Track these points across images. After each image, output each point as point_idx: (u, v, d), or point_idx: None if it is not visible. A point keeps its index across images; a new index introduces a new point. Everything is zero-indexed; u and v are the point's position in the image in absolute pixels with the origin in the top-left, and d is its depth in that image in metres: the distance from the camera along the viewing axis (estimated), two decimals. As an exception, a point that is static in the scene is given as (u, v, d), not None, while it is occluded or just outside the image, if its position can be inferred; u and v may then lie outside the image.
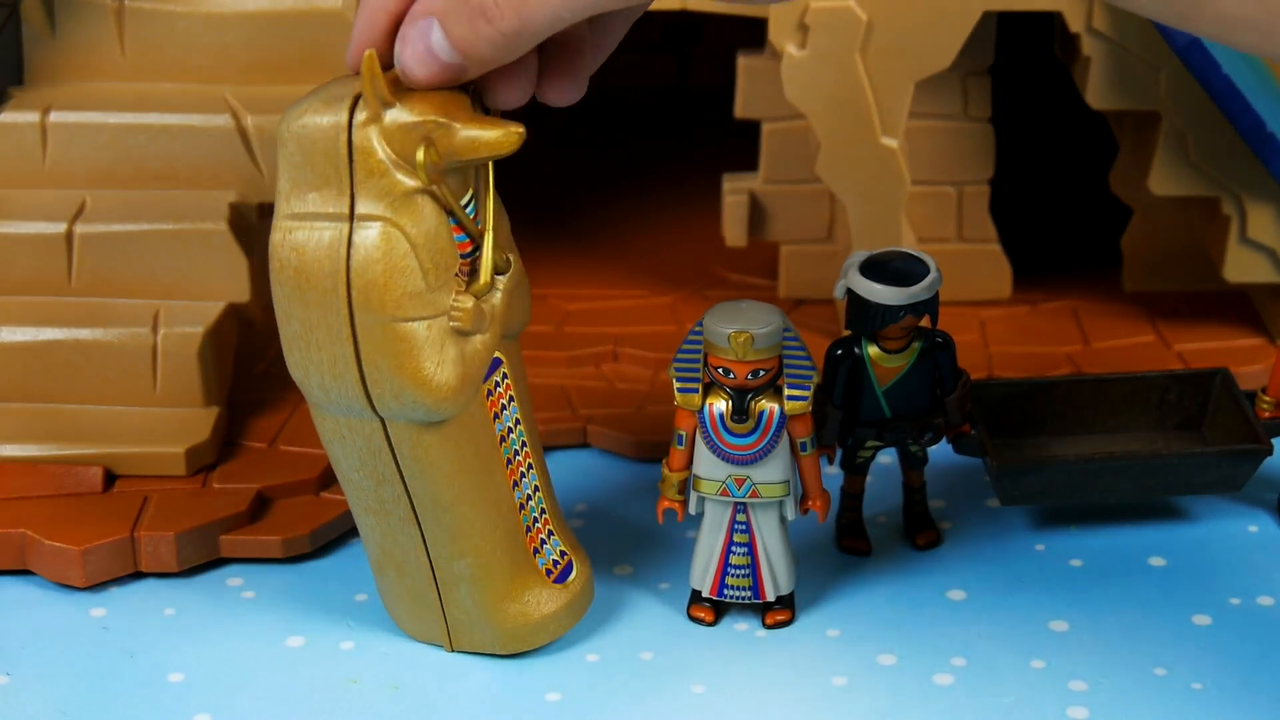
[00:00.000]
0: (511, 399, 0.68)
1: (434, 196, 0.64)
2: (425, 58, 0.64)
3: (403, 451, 0.66)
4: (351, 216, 0.64)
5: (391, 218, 0.64)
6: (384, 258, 0.64)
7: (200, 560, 0.77)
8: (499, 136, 0.64)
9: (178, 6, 0.82)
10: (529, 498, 0.70)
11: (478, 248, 0.66)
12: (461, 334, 0.65)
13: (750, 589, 0.73)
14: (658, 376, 0.87)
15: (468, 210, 0.66)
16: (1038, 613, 0.74)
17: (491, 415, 0.68)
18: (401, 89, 0.64)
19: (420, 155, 0.63)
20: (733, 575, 0.73)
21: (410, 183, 0.64)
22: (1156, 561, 0.77)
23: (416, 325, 0.65)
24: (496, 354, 0.67)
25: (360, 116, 0.63)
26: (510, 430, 0.69)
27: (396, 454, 0.66)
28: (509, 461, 0.69)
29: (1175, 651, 0.72)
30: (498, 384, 0.68)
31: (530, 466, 0.70)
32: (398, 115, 0.63)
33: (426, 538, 0.69)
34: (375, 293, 0.64)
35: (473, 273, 0.66)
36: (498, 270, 0.67)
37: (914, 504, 0.78)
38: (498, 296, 0.67)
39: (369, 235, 0.64)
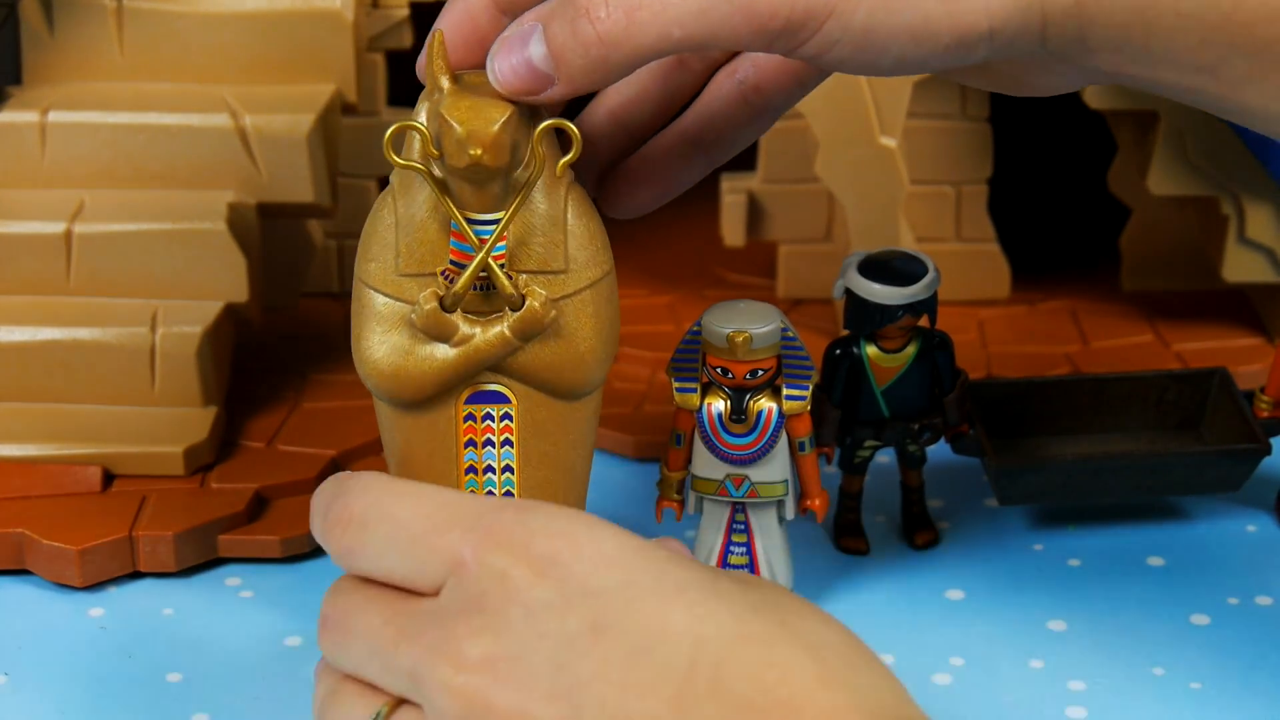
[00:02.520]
0: (507, 442, 0.65)
1: (435, 187, 0.62)
2: (514, 58, 0.60)
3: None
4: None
5: (394, 188, 0.64)
6: (371, 219, 0.64)
7: (198, 560, 0.77)
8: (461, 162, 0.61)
9: (176, 6, 0.82)
10: None
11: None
12: (422, 331, 0.63)
13: (749, 589, 0.73)
14: (656, 376, 0.87)
15: (485, 225, 0.62)
16: (1036, 612, 0.74)
17: (463, 439, 0.65)
18: (484, 92, 0.62)
19: (417, 141, 0.62)
20: (731, 575, 0.73)
21: (406, 160, 0.62)
22: (1155, 561, 0.77)
23: (375, 295, 0.64)
24: (503, 391, 0.64)
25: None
26: (489, 470, 0.66)
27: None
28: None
29: (1174, 651, 0.72)
30: (489, 416, 0.65)
31: None
32: (445, 102, 0.61)
33: None
34: (359, 246, 0.64)
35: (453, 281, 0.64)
36: (511, 307, 0.63)
37: (912, 504, 0.78)
38: (494, 330, 0.63)
39: (381, 194, 0.64)
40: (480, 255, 0.62)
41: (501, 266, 0.63)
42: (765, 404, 0.70)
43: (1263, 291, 0.91)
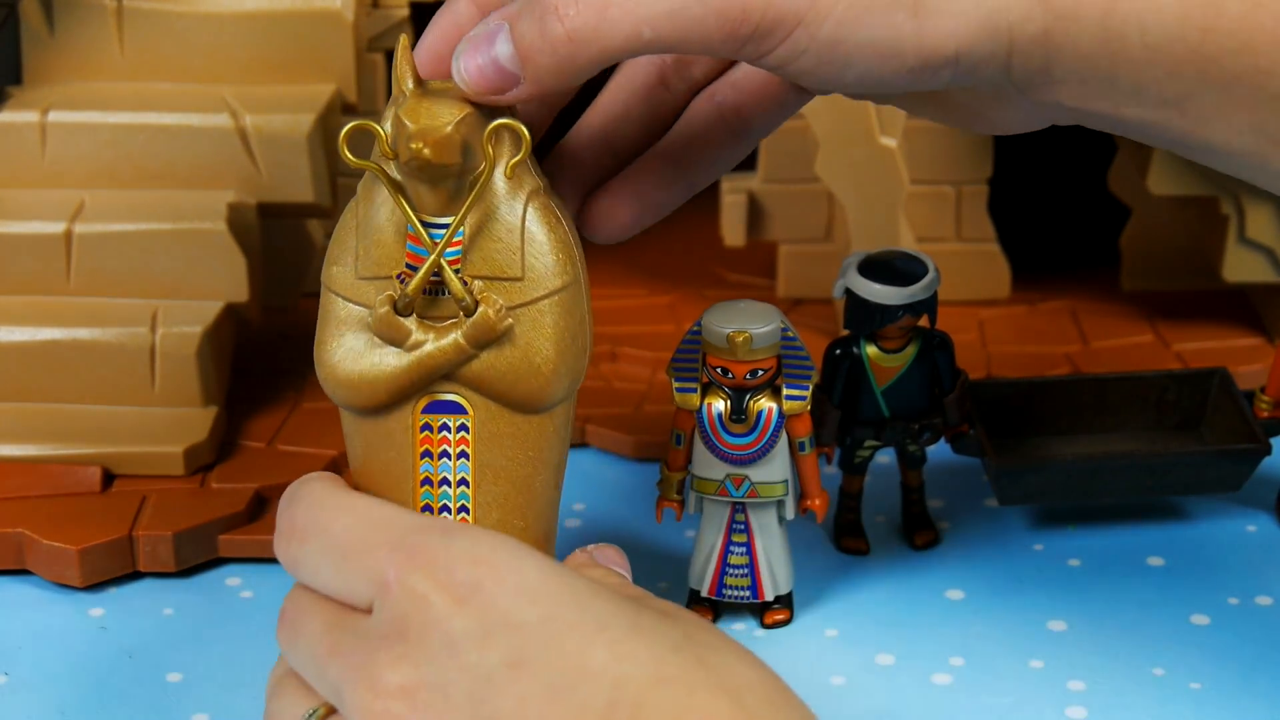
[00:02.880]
0: (463, 454, 0.64)
1: (391, 188, 0.62)
2: (480, 58, 0.59)
3: None
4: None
5: (358, 192, 0.63)
6: (338, 224, 0.64)
7: (199, 560, 0.77)
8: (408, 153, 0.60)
9: (176, 6, 0.82)
10: None
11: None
12: (376, 335, 0.63)
13: (749, 589, 0.73)
14: (656, 376, 0.87)
15: (440, 229, 0.62)
16: (1036, 612, 0.74)
17: (419, 450, 0.64)
18: (450, 96, 0.61)
19: (380, 141, 0.61)
20: (731, 575, 0.73)
21: (359, 160, 0.61)
22: (1155, 561, 0.77)
23: (336, 299, 0.63)
24: (460, 401, 0.63)
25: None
26: (444, 482, 0.64)
27: None
28: (425, 508, 0.64)
29: (1174, 651, 0.72)
30: (445, 426, 0.64)
31: None
32: (404, 105, 0.61)
33: None
34: (327, 250, 0.64)
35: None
36: (465, 312, 0.62)
37: (912, 504, 0.78)
38: (448, 337, 0.62)
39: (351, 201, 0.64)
40: (432, 257, 0.61)
41: (457, 271, 0.62)
42: (765, 404, 0.70)
43: (1263, 291, 0.91)
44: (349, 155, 0.61)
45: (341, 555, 0.57)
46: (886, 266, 0.74)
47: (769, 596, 0.73)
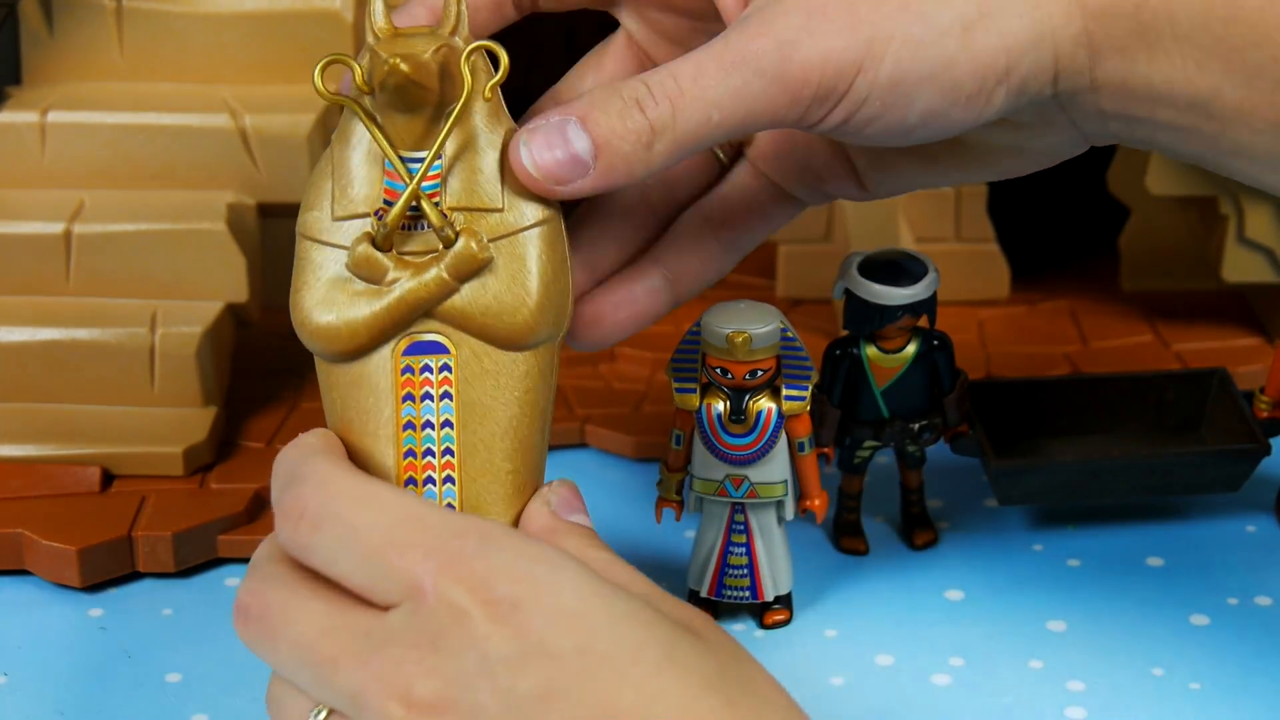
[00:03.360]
0: (446, 395, 0.62)
1: (367, 121, 0.61)
2: (557, 151, 0.60)
3: None
4: None
5: (333, 137, 0.63)
6: (312, 174, 0.63)
7: (198, 560, 0.77)
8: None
9: (176, 6, 0.82)
10: None
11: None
12: (354, 273, 0.61)
13: (749, 589, 0.73)
14: (655, 376, 0.87)
15: (418, 163, 0.61)
16: (1036, 613, 0.74)
17: (400, 394, 0.62)
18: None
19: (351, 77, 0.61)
20: (731, 575, 0.73)
21: (334, 94, 0.61)
22: (1154, 561, 0.77)
23: (310, 245, 0.62)
24: (442, 340, 0.61)
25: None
26: (426, 425, 0.62)
27: None
28: (408, 454, 0.62)
29: (1173, 651, 0.72)
30: (427, 368, 0.62)
31: (448, 480, 0.62)
32: (380, 42, 0.60)
33: None
34: (301, 202, 0.63)
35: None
36: (445, 243, 0.61)
37: (911, 504, 0.78)
38: (430, 271, 0.61)
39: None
40: (411, 186, 0.60)
41: (436, 204, 0.61)
42: (765, 404, 0.70)
43: (1262, 291, 0.91)
44: (323, 88, 0.61)
45: (367, 552, 0.55)
46: (886, 266, 0.74)
47: (769, 597, 0.73)
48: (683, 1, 0.67)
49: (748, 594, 0.73)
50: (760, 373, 0.70)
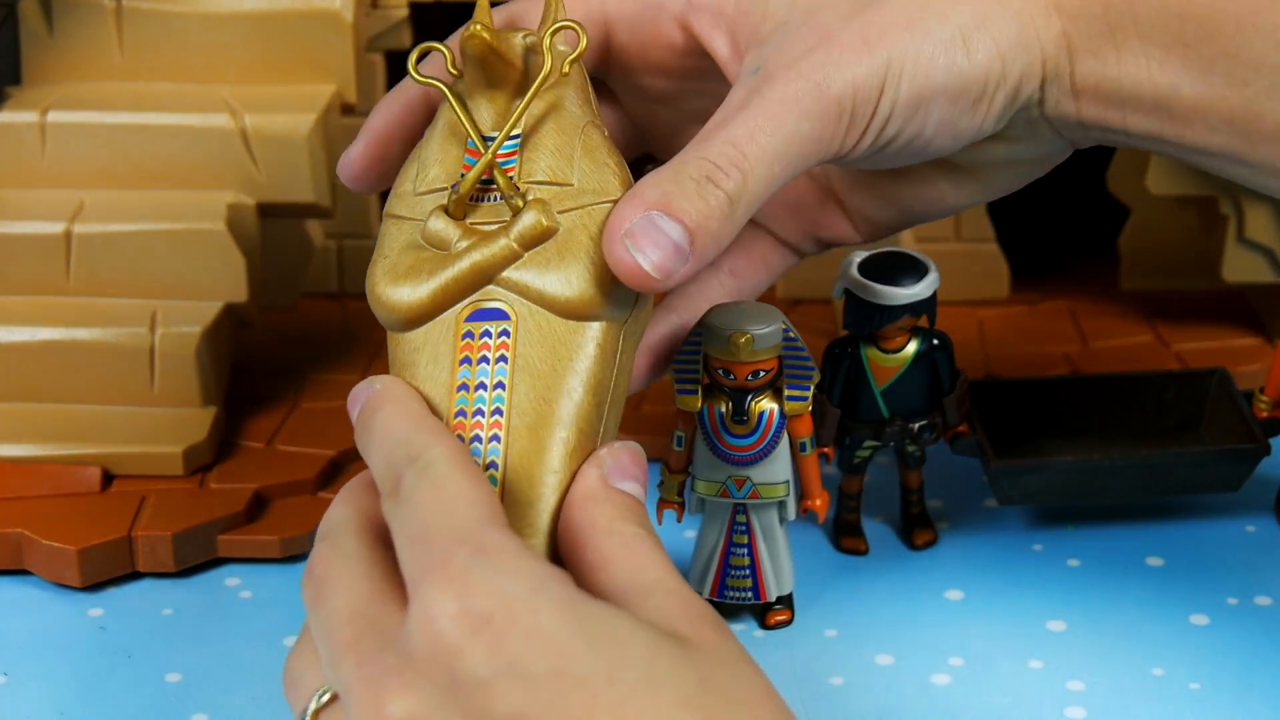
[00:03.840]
0: (502, 359, 0.62)
1: (453, 102, 0.63)
2: (662, 247, 0.60)
3: None
4: None
5: (425, 132, 0.65)
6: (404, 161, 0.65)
7: (198, 560, 0.77)
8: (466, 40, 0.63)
9: (176, 6, 0.82)
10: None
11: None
12: (426, 241, 0.63)
13: (750, 590, 0.73)
14: (655, 376, 0.87)
15: (491, 136, 0.63)
16: (1035, 612, 0.74)
17: (459, 357, 0.62)
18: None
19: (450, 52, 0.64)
20: (733, 576, 0.73)
21: (425, 77, 0.64)
22: (1154, 561, 0.77)
23: (390, 221, 0.64)
24: (504, 308, 0.62)
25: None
26: (480, 387, 0.62)
27: None
28: (459, 414, 0.62)
29: (1173, 651, 0.72)
30: (487, 333, 0.62)
31: (494, 439, 0.62)
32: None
33: None
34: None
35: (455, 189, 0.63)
36: (513, 210, 0.62)
37: (911, 504, 0.78)
38: (499, 240, 0.62)
39: None
40: (486, 156, 0.62)
41: (510, 177, 0.63)
42: (766, 405, 0.70)
43: (1262, 291, 0.91)
44: (416, 72, 0.63)
45: (410, 539, 0.56)
46: (886, 266, 0.74)
47: (770, 597, 0.73)
48: (669, 65, 0.70)
49: (750, 594, 0.73)
50: (762, 373, 0.70)
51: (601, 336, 0.62)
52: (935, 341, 0.74)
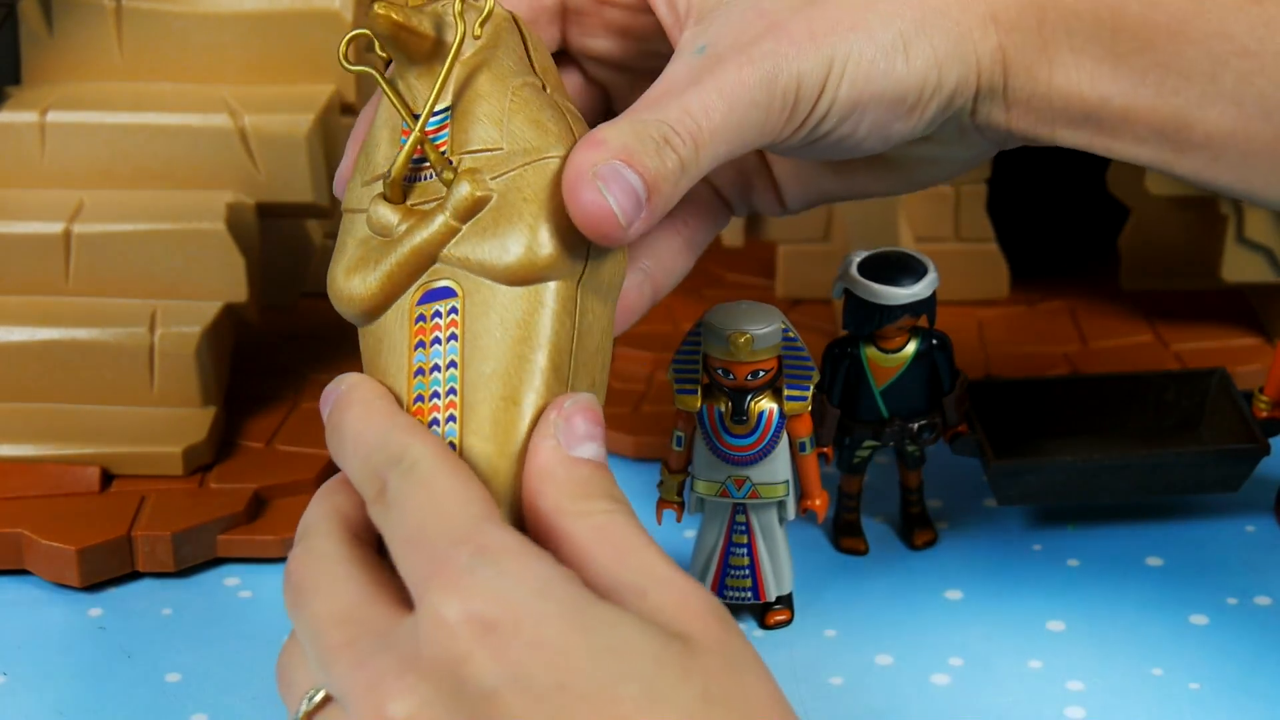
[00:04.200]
0: (453, 337, 0.61)
1: (385, 87, 0.63)
2: (629, 195, 0.60)
3: None
4: None
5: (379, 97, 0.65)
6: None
7: (197, 560, 0.77)
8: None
9: (176, 6, 0.82)
10: None
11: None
12: (372, 230, 0.62)
13: (750, 589, 0.73)
14: (655, 376, 0.87)
15: (430, 121, 0.62)
16: (1035, 613, 0.74)
17: (413, 342, 0.62)
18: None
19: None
20: (732, 576, 0.73)
21: (355, 65, 0.63)
22: (1154, 561, 0.77)
23: (345, 217, 0.63)
24: (450, 285, 0.61)
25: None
26: (435, 369, 0.61)
27: None
28: (417, 399, 0.61)
29: (1172, 651, 0.72)
30: (438, 314, 0.61)
31: (450, 419, 0.60)
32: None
33: None
34: None
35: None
36: (446, 184, 0.61)
37: (911, 504, 0.78)
38: (437, 219, 0.61)
39: None
40: (414, 134, 0.61)
41: (444, 153, 0.62)
42: (766, 405, 0.70)
43: (1261, 291, 0.91)
44: (346, 60, 0.63)
45: (405, 542, 0.55)
46: (885, 266, 0.74)
47: (770, 597, 0.73)
48: (623, 24, 0.70)
49: (749, 594, 0.73)
50: (762, 373, 0.70)
51: (554, 298, 0.61)
52: (935, 341, 0.74)
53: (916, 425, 0.75)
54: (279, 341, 0.89)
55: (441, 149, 0.62)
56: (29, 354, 0.79)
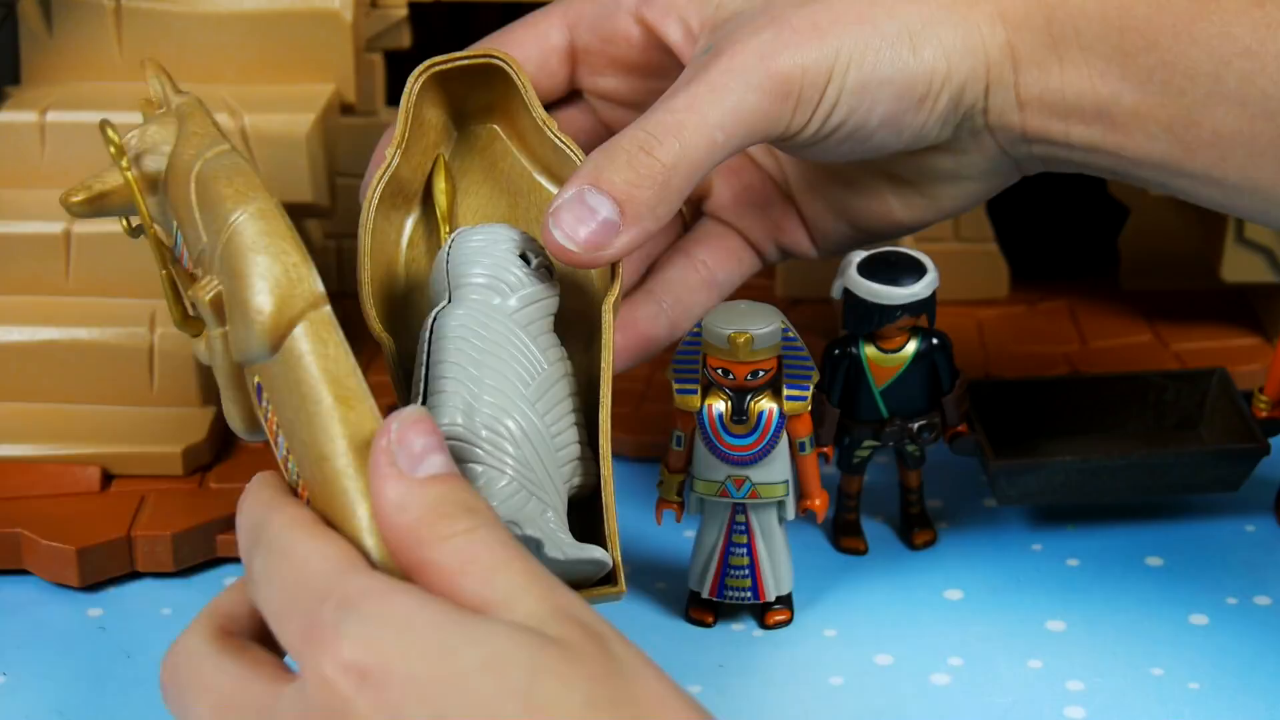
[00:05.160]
0: (279, 427, 0.60)
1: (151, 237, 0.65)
2: (588, 223, 0.62)
3: None
4: None
5: None
6: None
7: (197, 560, 0.77)
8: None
9: (175, 6, 0.82)
10: None
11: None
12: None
13: (750, 589, 0.73)
14: (655, 376, 0.87)
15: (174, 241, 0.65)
16: (1035, 612, 0.74)
17: (272, 440, 0.61)
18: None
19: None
20: (732, 576, 0.73)
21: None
22: (1153, 561, 0.77)
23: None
24: (258, 380, 0.60)
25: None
26: (285, 461, 0.61)
27: None
28: (295, 488, 0.60)
29: (1172, 651, 0.72)
30: (266, 412, 0.61)
31: (308, 503, 0.59)
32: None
33: None
34: None
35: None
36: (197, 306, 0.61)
37: (911, 504, 0.78)
38: (213, 336, 0.61)
39: None
40: (164, 271, 0.65)
41: (185, 269, 0.64)
42: (766, 405, 0.70)
43: (1261, 291, 0.91)
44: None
45: (277, 616, 0.55)
46: (885, 266, 0.73)
47: (770, 597, 0.73)
48: (631, 61, 0.71)
49: (749, 594, 0.73)
50: (762, 373, 0.70)
51: (305, 339, 0.58)
52: (935, 341, 0.74)
53: (916, 425, 0.75)
54: (279, 341, 0.89)
55: (191, 269, 0.63)
56: (29, 354, 0.79)
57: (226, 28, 0.82)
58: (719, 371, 0.70)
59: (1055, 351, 0.90)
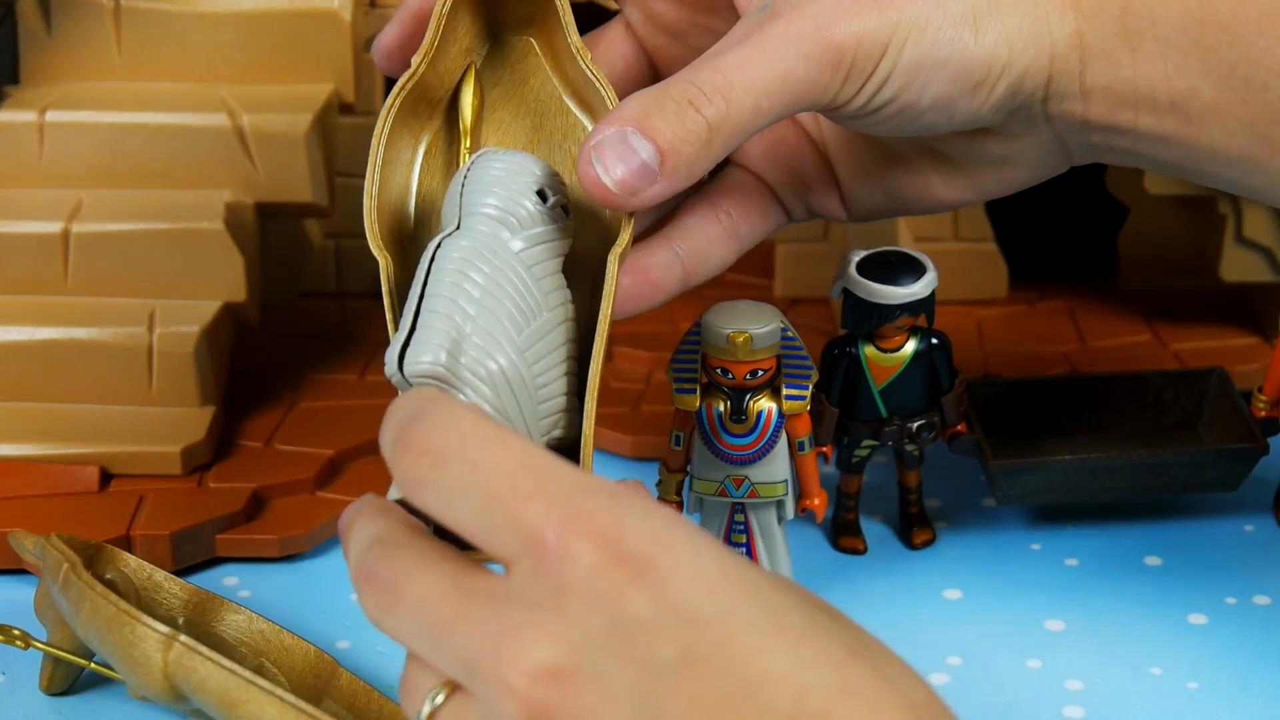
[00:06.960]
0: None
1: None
2: (629, 162, 0.60)
3: None
4: None
5: None
6: None
7: (196, 560, 0.77)
8: None
9: (174, 6, 0.82)
10: None
11: None
12: None
13: (747, 589, 0.73)
14: (654, 375, 0.87)
15: None
16: (1034, 612, 0.74)
17: None
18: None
19: None
20: (730, 575, 0.73)
21: None
22: (1152, 561, 0.77)
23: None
24: None
25: None
26: None
27: None
28: None
29: (1171, 651, 0.72)
30: None
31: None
32: None
33: None
34: None
35: None
36: None
37: (910, 503, 0.78)
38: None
39: None
40: None
41: None
42: (765, 404, 0.70)
43: (1260, 291, 0.91)
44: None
45: (488, 496, 0.50)
46: (884, 266, 0.73)
47: (767, 596, 0.73)
48: None
49: (746, 593, 0.73)
50: (761, 372, 0.70)
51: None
52: (934, 341, 0.74)
53: (915, 425, 0.75)
54: (277, 341, 0.89)
55: None
56: (28, 354, 0.79)
57: (225, 27, 0.82)
58: (718, 371, 0.70)
59: (1054, 351, 0.90)
